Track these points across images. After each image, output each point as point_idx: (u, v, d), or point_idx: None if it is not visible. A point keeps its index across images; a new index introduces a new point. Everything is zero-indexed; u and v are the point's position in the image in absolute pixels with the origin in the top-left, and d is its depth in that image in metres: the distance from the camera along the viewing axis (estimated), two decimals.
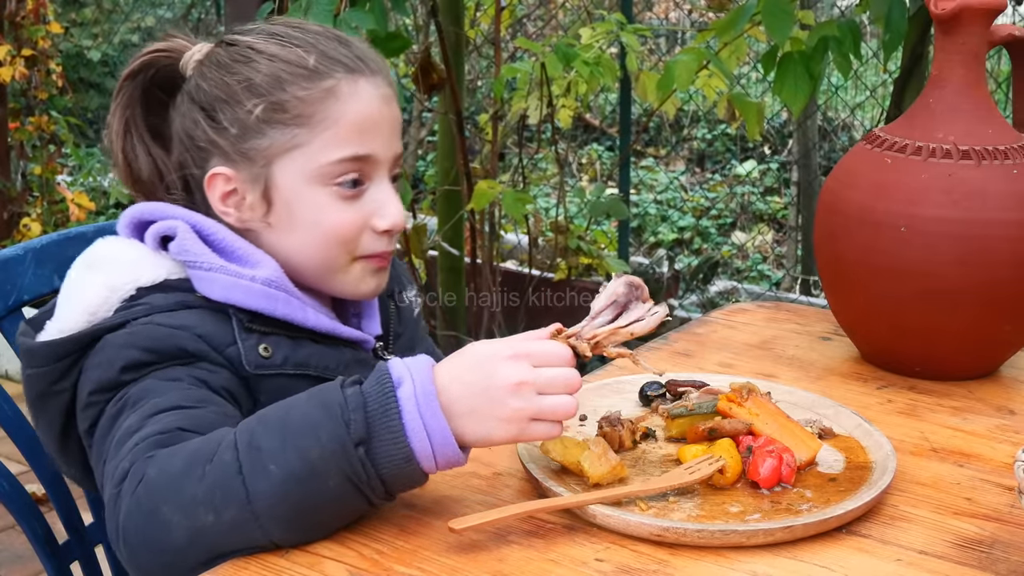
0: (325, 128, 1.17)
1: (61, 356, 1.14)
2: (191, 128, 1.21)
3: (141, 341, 1.11)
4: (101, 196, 5.07)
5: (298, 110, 1.17)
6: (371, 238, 1.21)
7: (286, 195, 1.19)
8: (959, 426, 1.32)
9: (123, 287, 1.16)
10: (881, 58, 2.78)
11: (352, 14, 2.18)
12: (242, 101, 1.18)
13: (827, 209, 1.47)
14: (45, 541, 1.34)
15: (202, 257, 1.17)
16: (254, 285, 1.16)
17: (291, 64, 1.18)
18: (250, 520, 0.97)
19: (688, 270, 4.49)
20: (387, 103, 1.22)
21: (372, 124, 1.19)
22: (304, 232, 1.20)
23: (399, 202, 1.22)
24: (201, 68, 1.22)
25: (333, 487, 0.98)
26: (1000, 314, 1.39)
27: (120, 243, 1.22)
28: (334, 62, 1.19)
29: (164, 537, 0.98)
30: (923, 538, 1.06)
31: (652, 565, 1.00)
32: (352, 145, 1.18)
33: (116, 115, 1.25)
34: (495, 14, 3.34)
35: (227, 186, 1.20)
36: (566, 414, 1.02)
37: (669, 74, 2.45)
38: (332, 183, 1.18)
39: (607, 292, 1.10)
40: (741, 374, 1.41)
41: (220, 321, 1.15)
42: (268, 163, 1.19)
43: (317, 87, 1.17)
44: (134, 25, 6.91)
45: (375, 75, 1.21)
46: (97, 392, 1.11)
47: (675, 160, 6.02)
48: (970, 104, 1.40)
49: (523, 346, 1.03)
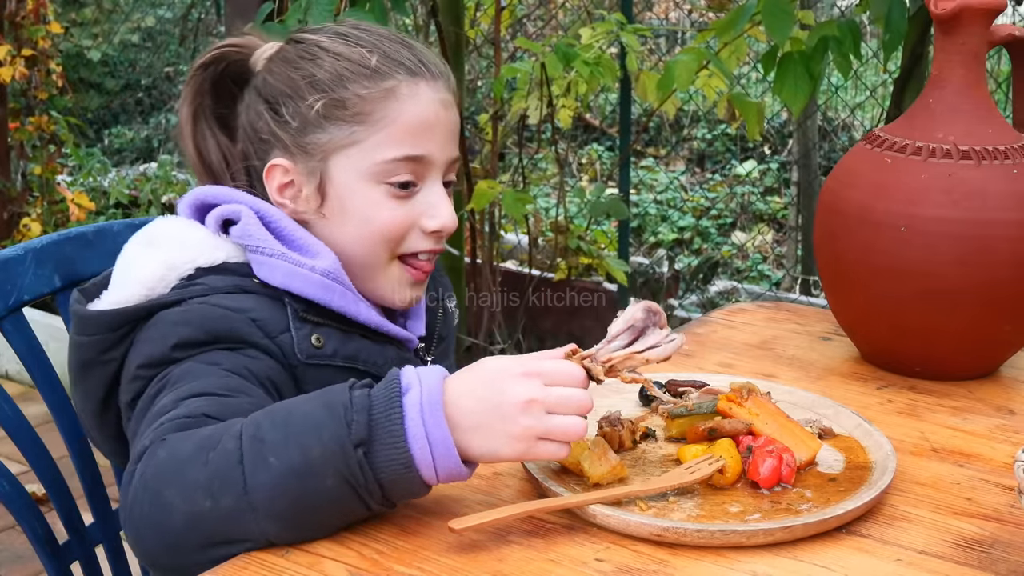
0: (383, 127, 1.20)
1: (114, 327, 1.16)
2: (255, 120, 1.25)
3: (196, 320, 1.13)
4: (101, 196, 5.06)
5: (357, 108, 1.20)
6: (418, 237, 1.24)
7: (340, 190, 1.22)
8: (959, 426, 1.32)
9: (182, 266, 1.18)
10: (881, 58, 2.78)
11: (352, 14, 2.19)
12: (304, 96, 1.21)
13: (827, 209, 1.47)
14: (45, 541, 1.34)
15: (264, 243, 1.19)
16: (313, 275, 1.18)
17: (354, 63, 1.21)
18: (246, 510, 0.97)
19: (688, 270, 4.50)
20: (445, 107, 1.24)
21: (428, 126, 1.22)
22: (354, 227, 1.22)
23: (450, 205, 1.24)
24: (269, 64, 1.26)
25: (330, 487, 0.98)
26: (1000, 314, 1.39)
27: (180, 223, 1.23)
28: (396, 64, 1.22)
29: (165, 520, 0.98)
30: (923, 538, 1.06)
31: (652, 565, 1.00)
32: (407, 145, 1.21)
33: (186, 103, 1.28)
34: (495, 14, 3.34)
35: (285, 177, 1.23)
36: (575, 435, 1.02)
37: (669, 74, 2.45)
38: (385, 181, 1.21)
39: (625, 316, 1.10)
40: (741, 374, 1.42)
41: (275, 308, 1.17)
42: (325, 158, 1.21)
43: (378, 86, 1.20)
44: (134, 25, 6.91)
45: (436, 80, 1.24)
46: (145, 366, 1.12)
47: (675, 160, 6.02)
48: (970, 104, 1.40)
49: (535, 364, 1.03)
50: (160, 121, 6.57)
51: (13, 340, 1.36)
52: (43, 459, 1.36)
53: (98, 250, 1.44)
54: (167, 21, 6.95)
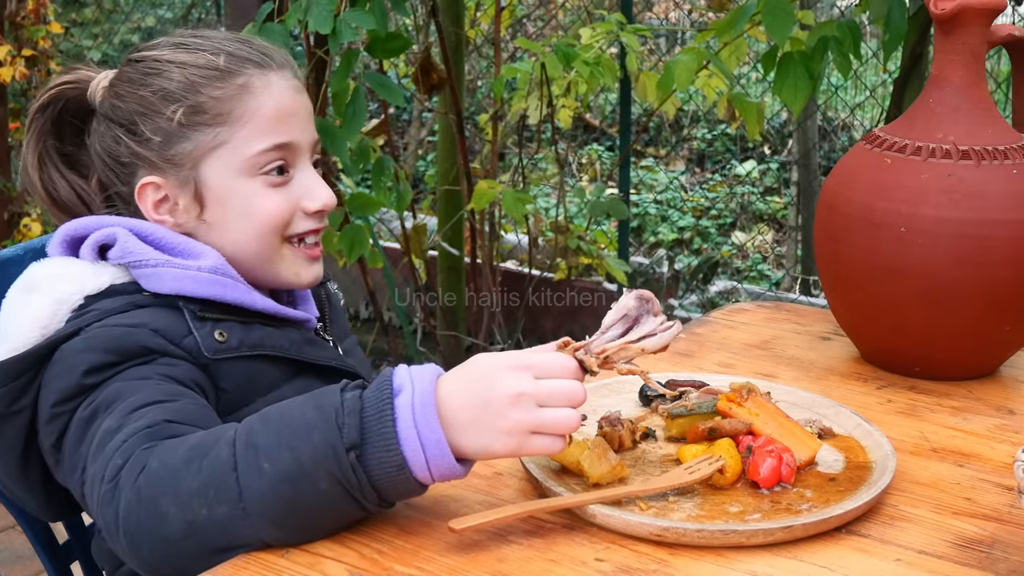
0: (245, 123, 1.22)
1: (18, 374, 1.13)
2: (112, 147, 1.25)
3: (100, 343, 1.12)
4: None
5: (216, 109, 1.21)
6: (301, 219, 1.26)
7: (217, 192, 1.23)
8: (959, 426, 1.32)
9: (70, 298, 1.17)
10: (881, 58, 2.78)
11: (352, 14, 2.19)
12: (161, 110, 1.22)
13: (827, 209, 1.47)
14: (45, 541, 1.34)
15: (146, 255, 1.19)
16: (201, 274, 1.19)
17: (202, 67, 1.23)
18: (241, 517, 0.97)
19: (688, 270, 4.50)
20: (299, 92, 1.27)
21: (288, 113, 1.24)
22: (239, 224, 1.24)
23: (324, 184, 1.27)
24: (113, 89, 1.26)
25: (324, 490, 0.98)
26: (1000, 314, 1.39)
27: (55, 262, 1.23)
28: (242, 60, 1.24)
29: (162, 529, 0.98)
30: (923, 538, 1.06)
31: (652, 565, 1.00)
32: (272, 135, 1.22)
33: (30, 148, 1.28)
34: (495, 14, 3.34)
35: (157, 194, 1.23)
36: (567, 427, 1.00)
37: (669, 74, 2.45)
38: (259, 173, 1.23)
39: (618, 306, 1.08)
40: (741, 374, 1.42)
41: (172, 315, 1.17)
42: (195, 165, 1.22)
43: (231, 84, 1.22)
44: (134, 25, 6.91)
45: (282, 68, 1.26)
46: (61, 402, 1.10)
47: (675, 160, 6.02)
48: (970, 104, 1.40)
49: (525, 358, 1.02)
50: None
51: None
52: None
53: None
54: (167, 21, 6.95)
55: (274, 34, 2.18)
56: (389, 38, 2.32)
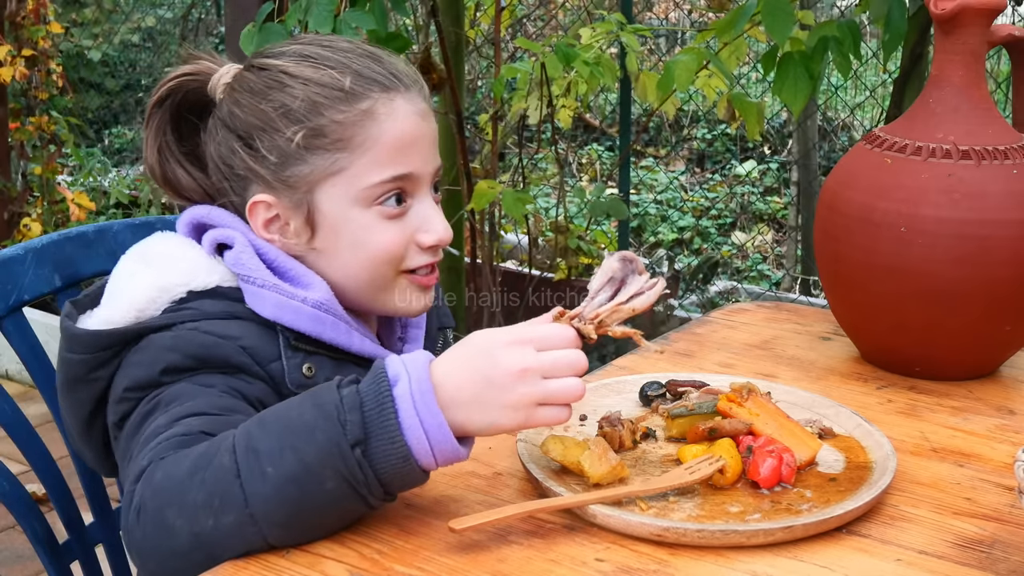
0: (365, 150, 1.17)
1: (103, 347, 1.15)
2: (228, 156, 1.22)
3: (185, 347, 1.12)
4: (101, 196, 5.06)
5: (337, 134, 1.17)
6: (416, 253, 1.21)
7: (331, 220, 1.19)
8: (959, 426, 1.32)
9: (174, 288, 1.17)
10: (881, 58, 2.78)
11: (352, 14, 2.19)
12: (280, 128, 1.18)
13: (827, 209, 1.47)
14: (45, 541, 1.34)
15: (256, 273, 1.17)
16: (304, 307, 1.17)
17: (326, 87, 1.18)
18: (248, 524, 0.97)
19: (688, 270, 4.49)
20: (424, 118, 1.22)
21: (411, 142, 1.19)
22: (351, 254, 1.20)
23: (442, 216, 1.22)
24: (233, 94, 1.21)
25: (331, 489, 0.98)
26: (1000, 314, 1.39)
27: (177, 242, 1.22)
28: (369, 81, 1.19)
29: (168, 542, 0.98)
30: (923, 538, 1.06)
31: (652, 565, 1.00)
32: (392, 166, 1.18)
33: (149, 143, 1.26)
34: (495, 14, 3.34)
35: (268, 213, 1.20)
36: (575, 396, 1.01)
37: (669, 74, 2.45)
38: (375, 204, 1.18)
39: (603, 270, 1.08)
40: (741, 374, 1.42)
41: (267, 335, 1.16)
42: (310, 189, 1.19)
43: (354, 109, 1.17)
44: (134, 25, 6.91)
45: (410, 90, 1.21)
46: (133, 389, 1.11)
47: (675, 160, 6.02)
48: (970, 104, 1.40)
49: (525, 331, 1.03)
50: None
51: (13, 340, 1.36)
52: (43, 459, 1.36)
53: (98, 250, 1.44)
54: (167, 21, 6.95)
55: (274, 34, 2.19)
56: (389, 38, 2.32)
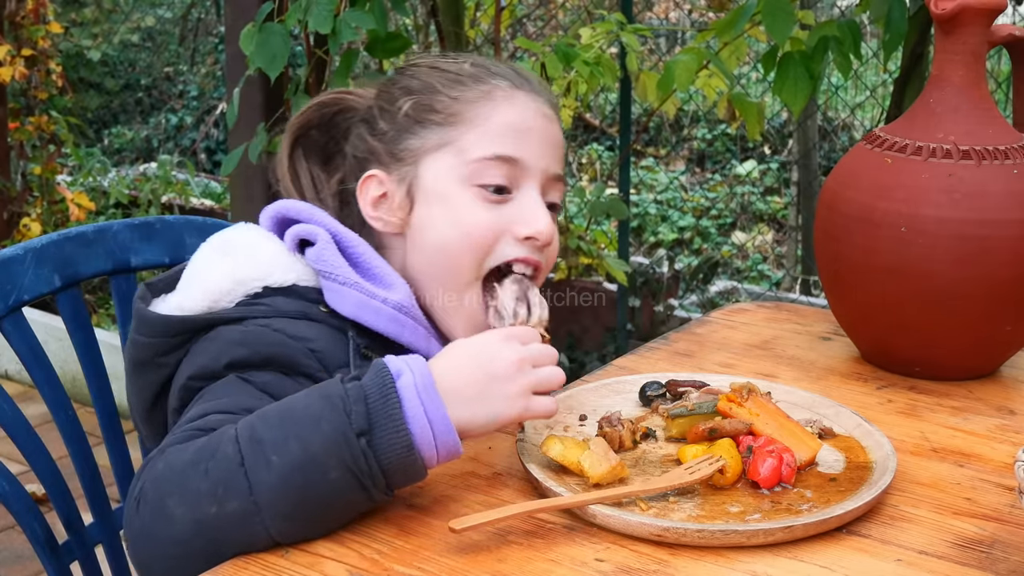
0: (476, 126, 1.19)
1: (172, 333, 1.16)
2: (356, 144, 1.26)
3: (255, 343, 1.12)
4: (101, 196, 5.06)
5: (450, 109, 1.19)
6: (510, 244, 1.20)
7: (429, 192, 1.20)
8: (959, 426, 1.32)
9: (250, 282, 1.17)
10: (881, 58, 2.78)
11: (352, 14, 2.18)
12: (397, 102, 1.22)
13: (827, 209, 1.47)
14: (45, 541, 1.34)
15: (339, 270, 1.18)
16: (384, 307, 1.17)
17: (448, 72, 1.21)
18: (252, 512, 0.97)
19: (688, 270, 4.49)
20: (545, 118, 1.22)
21: (524, 129, 1.20)
22: (440, 233, 1.19)
23: (546, 213, 1.20)
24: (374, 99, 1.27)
25: (334, 479, 0.98)
26: (1000, 314, 1.39)
27: (258, 235, 1.22)
28: (496, 75, 1.21)
29: (168, 530, 0.98)
30: (923, 538, 1.06)
31: (652, 565, 1.00)
32: (499, 144, 1.18)
33: (289, 130, 1.29)
34: (495, 14, 3.34)
35: (378, 189, 1.22)
36: (559, 382, 1.08)
37: (669, 74, 2.45)
38: (477, 183, 1.18)
39: (506, 294, 1.19)
40: (741, 374, 1.41)
41: (337, 340, 1.16)
42: (416, 161, 1.21)
43: (472, 89, 1.20)
44: (134, 25, 6.91)
45: (538, 95, 1.22)
46: (196, 378, 1.12)
47: (675, 160, 6.02)
48: (970, 104, 1.40)
49: (507, 331, 1.09)
50: (160, 121, 6.57)
51: (13, 340, 1.36)
52: (43, 459, 1.36)
53: (98, 250, 1.44)
54: (167, 21, 6.95)
55: (274, 34, 2.18)
56: (389, 38, 2.32)
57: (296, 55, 4.83)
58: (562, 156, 1.24)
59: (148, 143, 6.45)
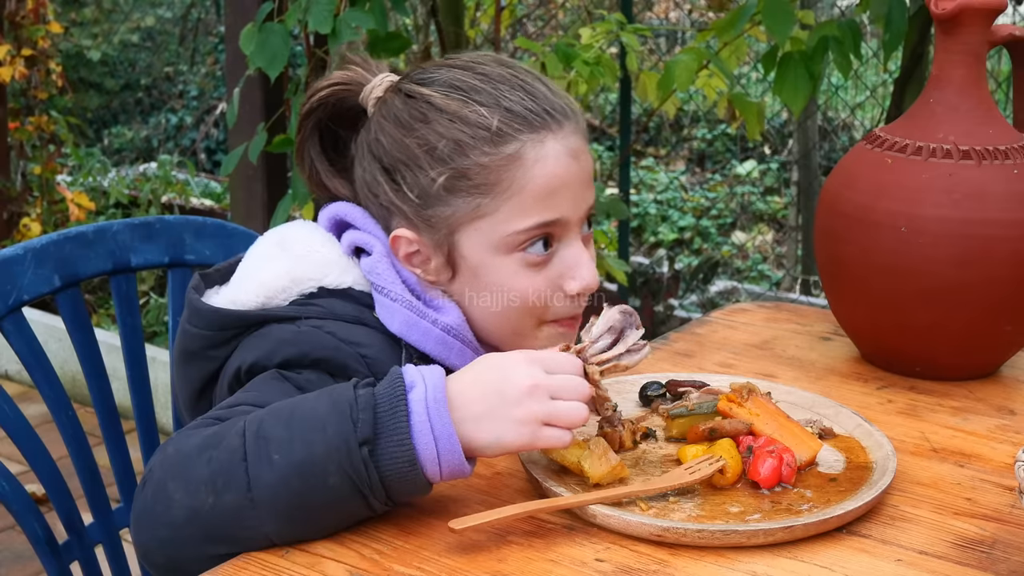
0: (510, 196, 1.13)
1: (223, 327, 1.15)
2: (372, 185, 1.19)
3: (308, 344, 1.11)
4: (101, 196, 5.06)
5: (481, 178, 1.13)
6: (561, 301, 1.19)
7: (472, 264, 1.17)
8: (959, 426, 1.32)
9: (306, 282, 1.16)
10: (881, 58, 2.78)
11: (352, 14, 2.19)
12: (424, 167, 1.14)
13: (827, 209, 1.46)
14: (45, 541, 1.34)
15: (391, 285, 1.17)
16: (434, 329, 1.16)
17: (472, 126, 1.13)
18: (247, 507, 0.97)
19: (688, 270, 4.49)
20: (575, 157, 1.16)
21: (559, 186, 1.15)
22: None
23: (591, 261, 1.18)
24: (380, 119, 1.18)
25: (333, 485, 0.98)
26: (1000, 314, 1.39)
27: (317, 234, 1.21)
28: (520, 120, 1.14)
29: (164, 512, 0.98)
30: (923, 538, 1.06)
31: (652, 565, 1.00)
32: (538, 212, 1.14)
33: (300, 150, 1.25)
34: (495, 14, 3.34)
35: (411, 247, 1.18)
36: (578, 420, 1.02)
37: (669, 74, 2.45)
38: (518, 250, 1.15)
39: (605, 318, 1.12)
40: (741, 374, 1.41)
41: (390, 348, 1.15)
42: (451, 231, 1.16)
43: (500, 152, 1.13)
44: (134, 25, 6.91)
45: (562, 127, 1.15)
46: (246, 373, 1.12)
47: (675, 160, 6.02)
48: (970, 104, 1.40)
49: (535, 353, 1.04)
50: (160, 121, 6.57)
51: (13, 340, 1.36)
52: (42, 459, 1.36)
53: (98, 250, 1.44)
54: (167, 21, 6.94)
55: (274, 34, 2.18)
56: (389, 38, 2.32)
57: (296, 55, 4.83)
58: (592, 177, 1.20)
59: (148, 143, 6.45)
